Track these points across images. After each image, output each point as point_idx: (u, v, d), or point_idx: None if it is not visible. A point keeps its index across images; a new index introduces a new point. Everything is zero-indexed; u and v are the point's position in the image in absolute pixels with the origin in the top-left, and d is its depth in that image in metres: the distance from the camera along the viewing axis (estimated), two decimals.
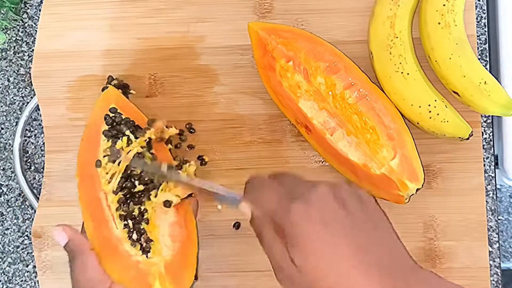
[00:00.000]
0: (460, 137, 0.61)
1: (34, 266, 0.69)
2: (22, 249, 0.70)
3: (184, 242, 0.57)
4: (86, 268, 0.53)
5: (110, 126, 0.60)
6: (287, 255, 0.44)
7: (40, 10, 0.70)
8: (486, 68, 0.66)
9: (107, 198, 0.57)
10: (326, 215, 0.44)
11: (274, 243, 0.46)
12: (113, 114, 0.61)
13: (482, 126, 0.66)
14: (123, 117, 0.61)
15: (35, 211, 0.68)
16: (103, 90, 0.66)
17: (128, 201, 0.58)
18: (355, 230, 0.44)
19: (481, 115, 0.66)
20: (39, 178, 0.70)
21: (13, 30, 0.72)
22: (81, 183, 0.58)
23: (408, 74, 0.61)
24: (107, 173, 0.58)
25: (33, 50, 0.70)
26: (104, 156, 0.58)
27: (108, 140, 0.59)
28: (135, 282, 0.54)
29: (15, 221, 0.70)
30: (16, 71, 0.72)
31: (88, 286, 0.53)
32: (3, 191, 0.71)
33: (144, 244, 0.56)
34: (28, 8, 0.72)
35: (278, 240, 0.45)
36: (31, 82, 0.69)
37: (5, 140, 0.71)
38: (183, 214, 0.59)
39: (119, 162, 0.58)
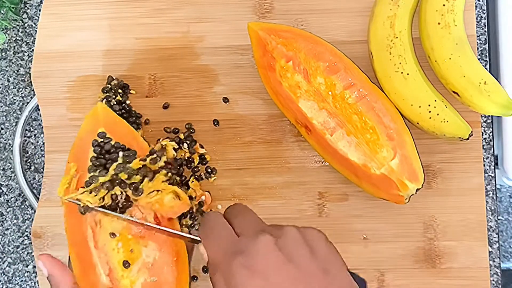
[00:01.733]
0: (460, 137, 0.61)
1: (34, 266, 0.69)
2: (22, 249, 0.70)
3: (173, 284, 0.54)
4: None
5: (97, 155, 0.57)
6: None
7: (40, 10, 0.70)
8: (486, 68, 0.66)
9: (94, 236, 0.54)
10: (270, 271, 0.43)
11: None
12: (102, 140, 0.57)
13: (482, 126, 0.66)
14: (112, 143, 0.57)
15: (35, 211, 0.68)
16: (103, 90, 0.67)
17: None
18: (302, 282, 0.43)
19: (481, 115, 0.66)
20: (39, 178, 0.70)
21: (13, 30, 0.72)
22: (68, 213, 0.55)
23: (408, 74, 0.61)
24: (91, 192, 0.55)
25: (33, 50, 0.70)
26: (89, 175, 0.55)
27: (94, 171, 0.56)
28: None
29: (15, 221, 0.70)
30: (16, 71, 0.72)
31: None
32: (3, 191, 0.71)
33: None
34: (28, 8, 0.72)
35: None
36: (31, 82, 0.69)
37: (5, 140, 0.71)
38: (169, 246, 0.55)
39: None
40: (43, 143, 0.69)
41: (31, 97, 0.71)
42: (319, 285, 0.43)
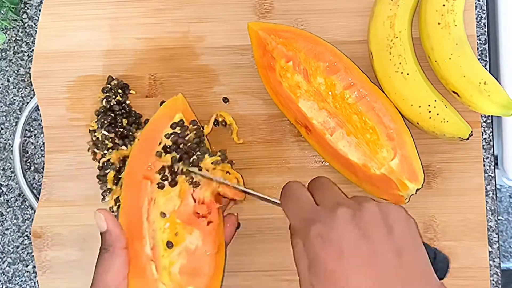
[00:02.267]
0: (460, 137, 0.61)
1: (34, 266, 0.69)
2: (22, 249, 0.70)
3: (208, 276, 0.56)
4: (109, 269, 0.52)
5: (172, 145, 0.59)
6: (307, 272, 0.44)
7: (40, 10, 0.70)
8: (486, 68, 0.66)
9: (149, 209, 0.56)
10: (344, 244, 0.43)
11: (301, 259, 0.45)
12: (179, 128, 0.60)
13: (482, 126, 0.66)
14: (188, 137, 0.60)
15: (34, 211, 0.68)
16: (103, 90, 0.67)
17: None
18: (375, 261, 0.42)
19: (481, 115, 0.66)
20: (39, 178, 0.70)
21: (13, 30, 0.72)
22: (126, 188, 0.56)
23: (408, 74, 0.61)
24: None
25: (33, 50, 0.70)
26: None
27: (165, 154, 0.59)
28: None
29: (15, 221, 0.70)
30: (16, 71, 0.72)
31: (114, 285, 0.52)
32: (3, 191, 0.71)
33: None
34: (28, 8, 0.72)
35: (304, 257, 0.45)
36: (31, 82, 0.69)
37: (5, 140, 0.71)
38: (212, 240, 0.57)
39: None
40: (43, 143, 0.69)
41: (31, 97, 0.71)
42: (389, 267, 0.43)
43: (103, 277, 0.52)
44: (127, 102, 0.67)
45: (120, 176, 0.65)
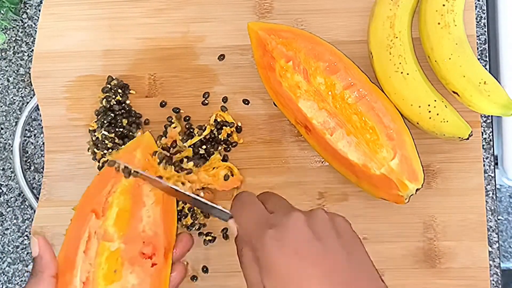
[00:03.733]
0: (459, 137, 0.61)
1: None
2: (22, 249, 0.70)
3: None
4: None
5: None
6: (260, 280, 0.45)
7: (39, 10, 0.70)
8: (486, 68, 0.66)
9: (88, 241, 0.54)
10: (299, 245, 0.45)
11: (250, 267, 0.46)
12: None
13: (481, 126, 0.66)
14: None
15: (34, 211, 0.68)
16: (103, 90, 0.67)
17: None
18: (328, 260, 0.44)
19: (481, 115, 0.66)
20: (39, 178, 0.70)
21: (13, 30, 0.72)
22: (73, 221, 0.56)
23: (407, 74, 0.61)
24: None
25: (32, 50, 0.70)
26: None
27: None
28: None
29: (15, 221, 0.70)
30: (15, 71, 0.72)
31: None
32: (2, 191, 0.71)
33: None
34: (27, 8, 0.72)
35: (254, 264, 0.46)
36: (30, 82, 0.69)
37: (4, 140, 0.71)
38: (152, 283, 0.54)
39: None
40: (43, 143, 0.69)
41: (31, 97, 0.71)
42: (343, 264, 0.45)
43: None
44: (127, 102, 0.67)
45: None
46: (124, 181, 0.57)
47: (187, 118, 0.67)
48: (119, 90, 0.66)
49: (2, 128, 0.71)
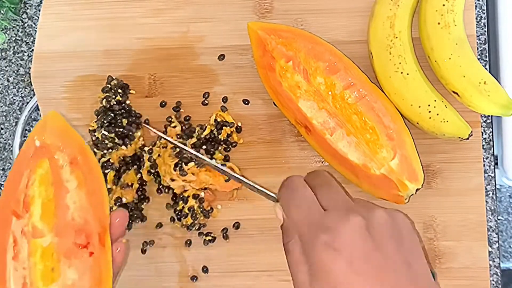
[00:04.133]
0: (459, 137, 0.61)
1: None
2: None
3: None
4: None
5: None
6: (308, 282, 0.42)
7: (39, 10, 0.70)
8: (486, 68, 0.66)
9: (15, 246, 0.51)
10: (356, 256, 0.41)
11: (298, 265, 0.43)
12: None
13: (481, 126, 0.66)
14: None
15: None
16: (102, 90, 0.67)
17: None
18: (386, 272, 0.41)
19: (481, 115, 0.66)
20: None
21: (13, 30, 0.72)
22: None
23: (407, 74, 0.61)
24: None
25: (32, 50, 0.70)
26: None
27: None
28: None
29: None
30: (15, 71, 0.72)
31: None
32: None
33: None
34: (27, 8, 0.72)
35: (302, 263, 0.42)
36: (30, 82, 0.69)
37: (4, 140, 0.71)
38: (93, 274, 0.51)
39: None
40: None
41: (31, 97, 0.71)
42: (401, 278, 0.41)
43: None
44: (127, 102, 0.67)
45: (120, 176, 0.65)
46: (40, 170, 0.53)
47: (187, 118, 0.67)
48: (119, 90, 0.66)
49: (2, 128, 0.71)
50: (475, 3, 0.68)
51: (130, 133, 0.65)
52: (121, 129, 0.65)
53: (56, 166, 0.53)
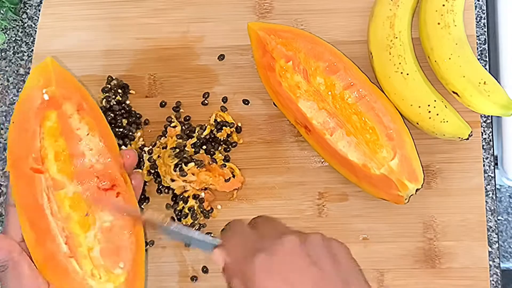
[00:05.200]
0: (459, 137, 0.61)
1: None
2: None
3: (131, 250, 0.52)
4: (21, 277, 0.48)
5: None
6: None
7: (39, 10, 0.70)
8: (486, 68, 0.66)
9: (50, 202, 0.51)
10: (291, 270, 0.42)
11: None
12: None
13: (481, 126, 0.66)
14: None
15: None
16: (103, 90, 0.67)
17: None
18: (324, 284, 0.42)
19: (481, 115, 0.66)
20: None
21: (13, 30, 0.72)
22: (17, 184, 0.51)
23: (407, 74, 0.61)
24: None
25: (32, 50, 0.70)
26: None
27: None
28: None
29: None
30: (15, 71, 0.72)
31: None
32: (2, 191, 0.71)
33: None
34: (27, 8, 0.72)
35: None
36: None
37: (4, 140, 0.71)
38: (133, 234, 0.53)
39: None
40: None
41: None
42: None
43: (19, 285, 0.47)
44: (127, 102, 0.67)
45: None
46: (48, 122, 0.52)
47: (187, 118, 0.67)
48: (119, 90, 0.66)
49: (2, 129, 0.71)
50: (475, 3, 0.68)
51: (130, 133, 0.65)
52: (121, 129, 0.65)
53: (64, 115, 0.53)
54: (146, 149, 0.65)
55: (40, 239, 0.50)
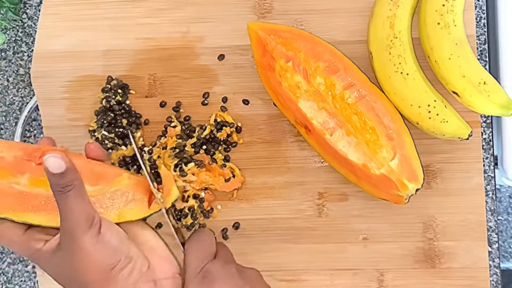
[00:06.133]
0: (459, 137, 0.61)
1: (34, 266, 0.69)
2: None
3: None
4: (84, 198, 0.50)
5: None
6: None
7: (39, 10, 0.70)
8: (486, 68, 0.66)
9: None
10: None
11: None
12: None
13: (481, 126, 0.66)
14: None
15: None
16: (102, 90, 0.67)
17: None
18: None
19: (481, 115, 0.66)
20: None
21: (13, 30, 0.72)
22: None
23: (407, 74, 0.61)
24: None
25: (32, 50, 0.70)
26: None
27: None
28: None
29: None
30: (15, 71, 0.72)
31: (85, 219, 0.49)
32: None
33: None
34: (27, 8, 0.72)
35: None
36: (30, 82, 0.69)
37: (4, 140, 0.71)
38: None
39: None
40: None
41: (31, 97, 0.71)
42: None
43: (81, 207, 0.49)
44: (127, 102, 0.67)
45: None
46: None
47: (187, 118, 0.67)
48: (119, 90, 0.66)
49: (1, 129, 0.71)
50: (475, 3, 0.68)
51: (130, 133, 0.65)
52: (121, 129, 0.65)
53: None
54: (146, 149, 0.65)
55: None
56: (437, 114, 0.60)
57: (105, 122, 0.65)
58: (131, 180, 0.55)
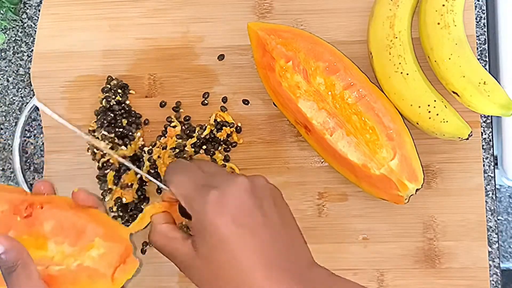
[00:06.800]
0: (459, 137, 0.61)
1: None
2: None
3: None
4: (31, 278, 0.46)
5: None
6: (192, 251, 0.46)
7: (39, 10, 0.70)
8: (486, 68, 0.66)
9: None
10: (239, 209, 0.45)
11: (180, 244, 0.48)
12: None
13: (481, 126, 0.66)
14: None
15: None
16: (102, 90, 0.67)
17: None
18: (266, 231, 0.45)
19: (481, 115, 0.66)
20: (39, 178, 0.70)
21: (12, 30, 0.72)
22: None
23: (407, 74, 0.61)
24: None
25: (32, 50, 0.70)
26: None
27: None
28: None
29: None
30: (15, 71, 0.72)
31: None
32: None
33: None
34: (27, 8, 0.72)
35: (186, 239, 0.47)
36: (30, 82, 0.69)
37: (4, 140, 0.71)
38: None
39: None
40: (43, 143, 0.69)
41: (31, 97, 0.71)
42: (279, 237, 0.46)
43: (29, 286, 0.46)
44: (127, 102, 0.67)
45: (120, 176, 0.65)
46: None
47: (187, 118, 0.67)
48: (119, 90, 0.66)
49: (1, 128, 0.71)
50: (475, 3, 0.68)
51: (130, 133, 0.65)
52: (121, 129, 0.65)
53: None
54: (146, 149, 0.65)
55: None
56: (437, 114, 0.60)
57: (105, 122, 0.65)
58: (101, 250, 0.51)
